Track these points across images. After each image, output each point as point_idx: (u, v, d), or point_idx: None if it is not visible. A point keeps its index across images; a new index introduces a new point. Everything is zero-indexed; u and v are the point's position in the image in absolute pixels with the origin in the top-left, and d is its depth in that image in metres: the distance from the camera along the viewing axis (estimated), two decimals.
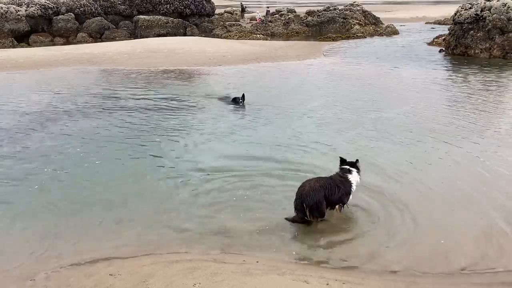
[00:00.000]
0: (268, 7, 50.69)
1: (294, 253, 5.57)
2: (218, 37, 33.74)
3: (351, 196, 6.25)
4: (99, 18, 35.28)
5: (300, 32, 36.80)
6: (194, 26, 37.88)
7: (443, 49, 24.90)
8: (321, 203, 5.94)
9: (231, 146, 9.58)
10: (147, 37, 32.43)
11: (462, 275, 5.02)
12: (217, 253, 5.49)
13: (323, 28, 37.26)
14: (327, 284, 4.51)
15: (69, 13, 34.31)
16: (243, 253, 5.50)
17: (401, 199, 6.86)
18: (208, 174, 7.95)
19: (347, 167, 6.37)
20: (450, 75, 18.07)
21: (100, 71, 19.64)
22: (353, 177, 6.25)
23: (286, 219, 6.20)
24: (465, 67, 19.67)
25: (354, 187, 6.22)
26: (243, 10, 46.44)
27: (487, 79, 16.67)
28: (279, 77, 17.95)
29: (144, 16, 36.00)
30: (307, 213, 5.94)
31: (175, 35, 34.60)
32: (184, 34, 35.79)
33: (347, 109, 12.60)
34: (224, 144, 9.70)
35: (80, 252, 5.53)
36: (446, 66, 20.49)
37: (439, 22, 42.71)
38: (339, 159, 6.58)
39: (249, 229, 6.08)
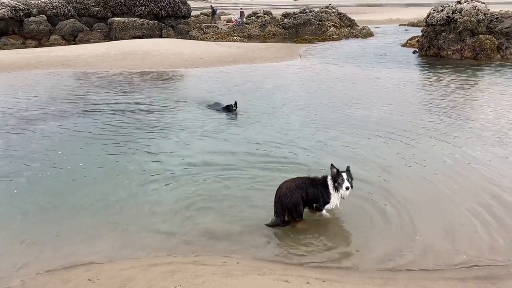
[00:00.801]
0: (241, 9, 50.56)
1: (274, 253, 5.58)
2: (194, 39, 33.57)
3: (334, 200, 6.07)
4: (72, 20, 34.67)
5: (276, 34, 36.97)
6: (170, 28, 37.64)
7: (417, 50, 25.45)
8: (298, 203, 5.99)
9: (216, 147, 9.60)
10: (122, 39, 32.02)
11: (437, 271, 5.13)
12: (198, 255, 5.45)
13: (299, 30, 37.57)
14: (307, 282, 4.54)
15: (41, 15, 33.61)
16: (224, 254, 5.49)
17: (381, 197, 6.96)
18: (191, 175, 7.93)
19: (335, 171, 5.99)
20: (425, 76, 18.50)
21: (75, 74, 19.27)
22: (331, 182, 6.01)
23: (267, 225, 6.14)
24: (439, 67, 20.16)
25: (331, 191, 6.00)
26: (213, 13, 45.85)
27: (460, 79, 17.13)
28: (258, 78, 18.00)
29: (119, 18, 35.54)
30: (286, 215, 5.98)
31: (150, 37, 34.30)
32: (160, 36, 35.51)
33: (330, 108, 12.91)
34: (209, 145, 9.74)
35: (57, 258, 5.42)
36: (420, 67, 20.96)
37: (412, 24, 43.64)
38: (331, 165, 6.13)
39: (230, 230, 6.07)
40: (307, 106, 13.14)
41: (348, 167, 6.10)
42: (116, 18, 35.50)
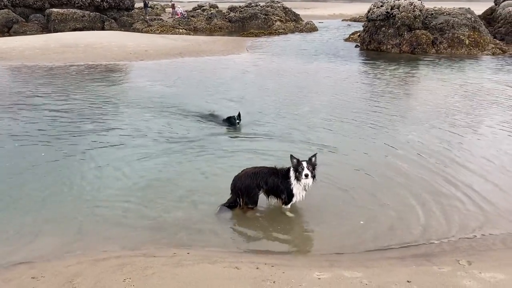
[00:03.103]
0: (172, 1, 49.63)
1: (225, 242, 5.65)
2: (138, 32, 32.81)
3: (297, 191, 6.01)
4: (5, 10, 32.75)
5: (223, 27, 36.90)
6: (113, 20, 36.49)
7: (359, 44, 26.34)
8: (251, 188, 6.06)
9: (169, 133, 9.71)
10: (61, 32, 30.64)
11: (379, 251, 5.43)
12: (147, 247, 5.42)
13: (245, 24, 37.74)
14: (257, 268, 4.65)
15: None
16: (174, 245, 5.49)
17: (329, 183, 7.20)
18: (138, 163, 7.90)
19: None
20: (366, 69, 19.32)
21: (9, 67, 18.23)
22: (293, 173, 5.94)
23: (223, 205, 6.25)
24: (379, 61, 21.05)
25: (293, 181, 5.94)
26: (145, 6, 44.40)
27: (398, 71, 18.03)
28: (208, 71, 18.02)
29: (58, 9, 33.99)
30: (239, 197, 6.10)
31: (92, 29, 33.07)
32: (102, 29, 34.34)
33: (282, 97, 13.48)
34: (163, 131, 9.88)
35: None
36: (363, 60, 21.79)
37: (354, 19, 45.11)
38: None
39: (179, 220, 6.07)
40: (260, 97, 13.49)
41: (313, 155, 5.96)
42: (54, 9, 33.90)
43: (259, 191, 6.18)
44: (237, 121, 10.23)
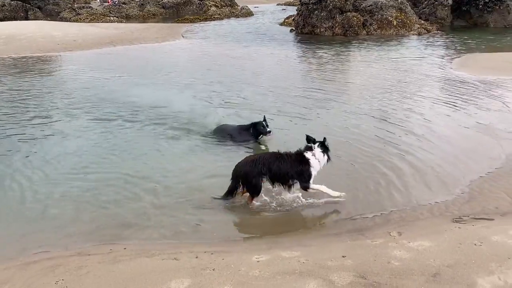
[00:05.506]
0: None
1: (164, 234, 5.55)
2: (66, 21, 31.14)
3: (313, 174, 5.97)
4: None
5: (157, 14, 35.89)
6: (37, 9, 34.33)
7: (294, 28, 26.63)
8: (249, 175, 5.81)
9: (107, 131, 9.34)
10: None
11: (316, 229, 5.60)
12: (81, 246, 5.21)
13: (180, 9, 36.92)
14: (196, 257, 4.62)
15: None
16: (111, 241, 5.32)
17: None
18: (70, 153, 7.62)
19: (310, 144, 5.97)
20: (302, 51, 19.89)
21: None
22: (310, 155, 5.91)
23: (214, 197, 6.18)
24: (314, 44, 21.52)
25: (314, 164, 5.92)
26: None
27: (331, 53, 18.52)
28: (141, 59, 17.63)
29: None
30: (240, 184, 5.93)
31: (14, 19, 30.93)
32: (26, 18, 32.21)
33: (222, 81, 13.59)
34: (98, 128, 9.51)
35: None
36: (298, 44, 22.22)
37: (289, 3, 45.42)
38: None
39: (116, 215, 5.91)
40: (197, 84, 13.31)
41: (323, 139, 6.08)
42: None
43: (264, 178, 5.89)
44: (269, 130, 7.90)
